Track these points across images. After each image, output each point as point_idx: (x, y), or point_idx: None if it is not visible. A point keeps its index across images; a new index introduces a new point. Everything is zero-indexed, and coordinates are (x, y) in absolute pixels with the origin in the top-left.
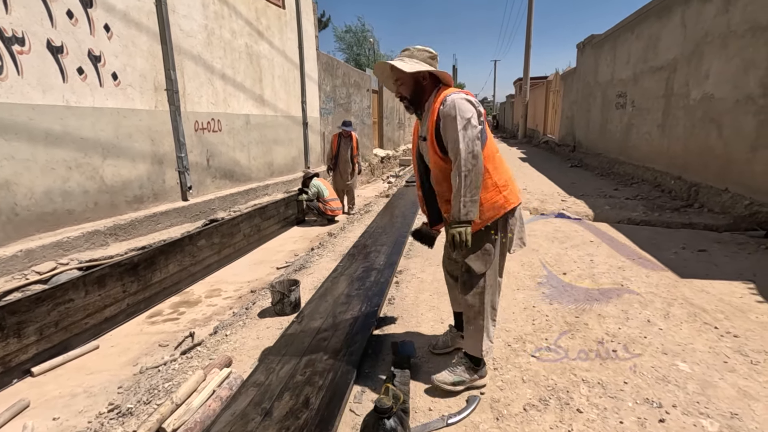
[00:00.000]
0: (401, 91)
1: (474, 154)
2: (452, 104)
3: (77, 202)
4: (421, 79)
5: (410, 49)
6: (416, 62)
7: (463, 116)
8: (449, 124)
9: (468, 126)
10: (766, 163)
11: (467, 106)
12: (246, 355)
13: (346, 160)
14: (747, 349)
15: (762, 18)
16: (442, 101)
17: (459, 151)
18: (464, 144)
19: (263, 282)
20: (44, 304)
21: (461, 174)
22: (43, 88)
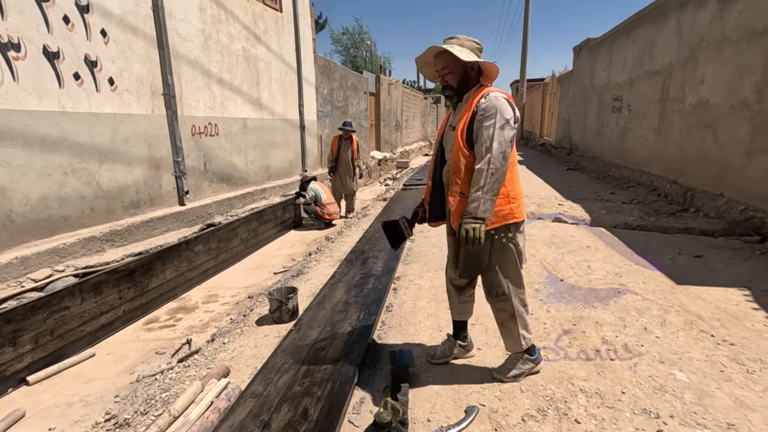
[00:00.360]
0: (448, 80)
1: (504, 156)
2: (495, 101)
3: (73, 207)
4: (469, 70)
5: (458, 37)
6: (468, 52)
7: (503, 115)
8: (487, 119)
9: (506, 126)
10: (761, 168)
11: (508, 108)
12: (244, 364)
13: (346, 162)
14: (743, 357)
15: (757, 24)
16: (483, 95)
17: (491, 149)
18: (498, 143)
19: (261, 287)
20: (40, 312)
21: (488, 170)
22: (39, 94)
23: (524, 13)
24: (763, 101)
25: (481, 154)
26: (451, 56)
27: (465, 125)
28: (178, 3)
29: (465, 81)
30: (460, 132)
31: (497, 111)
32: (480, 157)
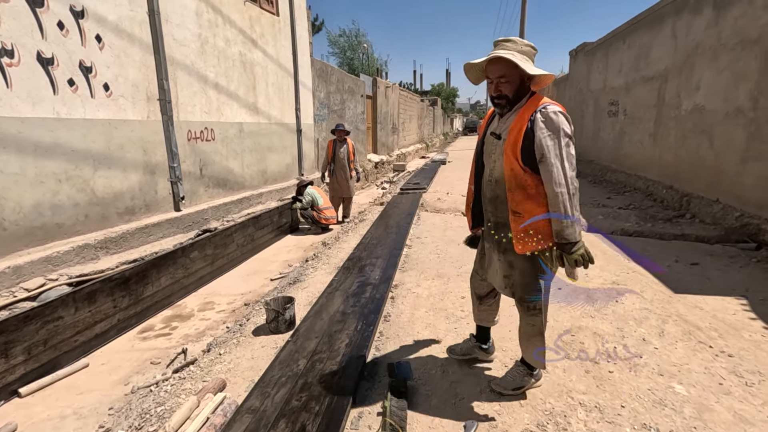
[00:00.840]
0: (503, 90)
1: (575, 175)
2: (555, 116)
3: (67, 215)
4: (526, 79)
5: (515, 41)
6: (527, 60)
7: (566, 132)
8: (550, 137)
9: (570, 144)
10: (756, 175)
11: (568, 123)
12: (240, 376)
13: (342, 166)
14: (741, 369)
15: (752, 32)
16: (539, 108)
17: (565, 170)
18: (568, 162)
19: (257, 294)
20: (32, 323)
21: (569, 193)
22: (32, 101)
23: (520, 18)
24: (758, 109)
25: (554, 177)
26: (509, 64)
27: (518, 139)
28: (175, 8)
29: (521, 90)
30: (512, 148)
31: (561, 127)
32: (553, 179)
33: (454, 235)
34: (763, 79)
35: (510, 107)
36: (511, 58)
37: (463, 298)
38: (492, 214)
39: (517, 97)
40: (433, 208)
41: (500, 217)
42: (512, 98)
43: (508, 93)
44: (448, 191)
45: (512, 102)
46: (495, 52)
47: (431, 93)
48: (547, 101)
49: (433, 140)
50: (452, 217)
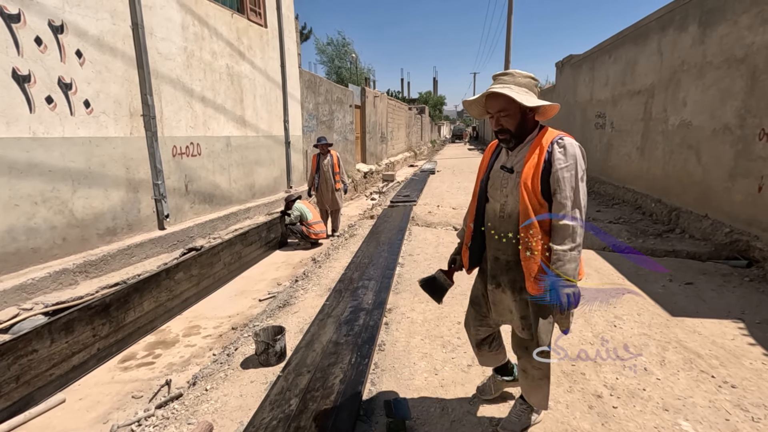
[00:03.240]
0: (504, 124)
1: (581, 209)
2: (572, 149)
3: (43, 239)
4: (528, 111)
5: (512, 74)
6: (526, 92)
7: (581, 166)
8: (568, 170)
9: (584, 177)
10: (744, 192)
11: (584, 158)
12: (228, 418)
13: (327, 179)
14: (746, 402)
15: (738, 51)
16: (555, 140)
17: (578, 203)
18: (583, 197)
19: (245, 316)
20: (4, 359)
21: (578, 225)
22: (7, 120)
23: (507, 26)
24: (745, 127)
25: (566, 208)
26: (507, 98)
27: (537, 173)
28: (159, 21)
29: (523, 123)
30: (531, 179)
31: (576, 161)
32: (564, 211)
33: (447, 251)
34: (750, 97)
35: (516, 140)
36: (507, 93)
37: (459, 323)
38: (503, 253)
39: (523, 130)
40: (424, 222)
41: (512, 255)
42: (515, 132)
43: (510, 127)
44: (439, 204)
45: (517, 135)
46: (491, 88)
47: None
48: (562, 133)
49: (421, 148)
50: (444, 231)
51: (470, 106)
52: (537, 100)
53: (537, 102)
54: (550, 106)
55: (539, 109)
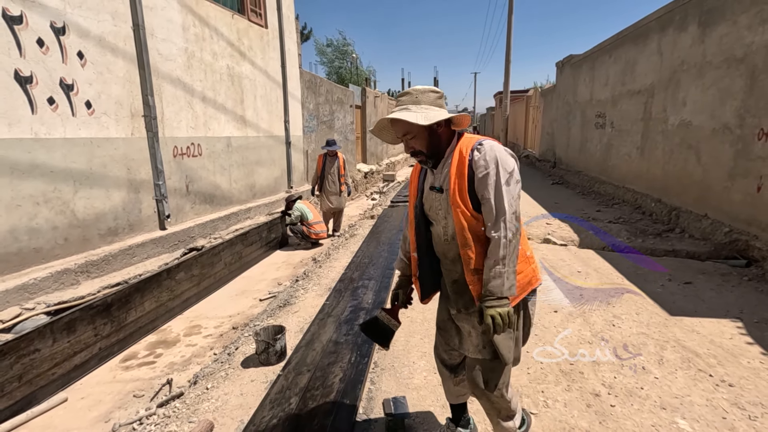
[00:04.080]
0: (414, 145)
1: (517, 216)
2: (491, 152)
3: (45, 239)
4: (436, 127)
5: (411, 92)
6: (425, 108)
7: (505, 168)
8: (488, 176)
9: (511, 180)
10: (743, 191)
11: (508, 157)
12: (229, 416)
13: (333, 181)
14: (743, 401)
15: (738, 51)
16: (473, 147)
17: (503, 211)
18: (508, 202)
19: (245, 316)
20: (6, 358)
21: (506, 238)
22: (9, 121)
23: (507, 26)
24: (744, 126)
25: (492, 218)
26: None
27: (462, 186)
28: (160, 22)
29: (434, 141)
30: (459, 195)
31: (498, 164)
32: (491, 223)
33: None
34: (749, 97)
35: (434, 158)
36: (402, 117)
37: None
38: (460, 275)
39: (437, 146)
40: None
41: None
42: (429, 151)
43: (421, 148)
44: None
45: (433, 154)
46: (389, 115)
47: None
48: (482, 138)
49: None
50: None
51: (380, 134)
52: (436, 115)
53: (434, 118)
54: (458, 117)
55: (453, 119)
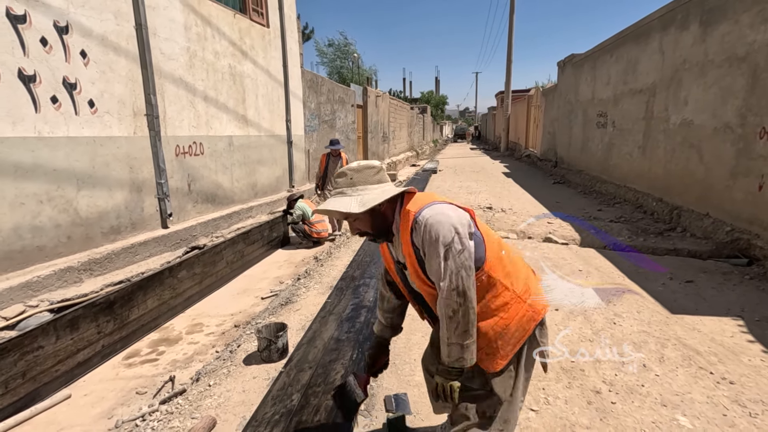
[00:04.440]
0: (359, 227)
1: (459, 291)
2: (425, 228)
3: (48, 237)
4: (377, 206)
5: (347, 173)
6: (361, 190)
7: (442, 241)
8: (427, 252)
9: (450, 253)
10: (745, 190)
11: (445, 226)
12: (231, 413)
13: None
14: (744, 398)
15: (739, 49)
16: (411, 227)
17: (441, 288)
18: (447, 279)
19: (247, 314)
20: (10, 355)
21: (446, 316)
22: (12, 120)
23: (508, 26)
24: (746, 125)
25: (440, 289)
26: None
27: (415, 263)
28: (163, 21)
29: (378, 220)
30: (415, 273)
31: (433, 238)
32: (439, 294)
33: None
34: (751, 96)
35: (384, 235)
36: (331, 208)
37: None
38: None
39: (382, 223)
40: None
41: None
42: (375, 231)
43: (365, 229)
44: None
45: (380, 232)
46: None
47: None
48: (419, 204)
49: (423, 148)
50: None
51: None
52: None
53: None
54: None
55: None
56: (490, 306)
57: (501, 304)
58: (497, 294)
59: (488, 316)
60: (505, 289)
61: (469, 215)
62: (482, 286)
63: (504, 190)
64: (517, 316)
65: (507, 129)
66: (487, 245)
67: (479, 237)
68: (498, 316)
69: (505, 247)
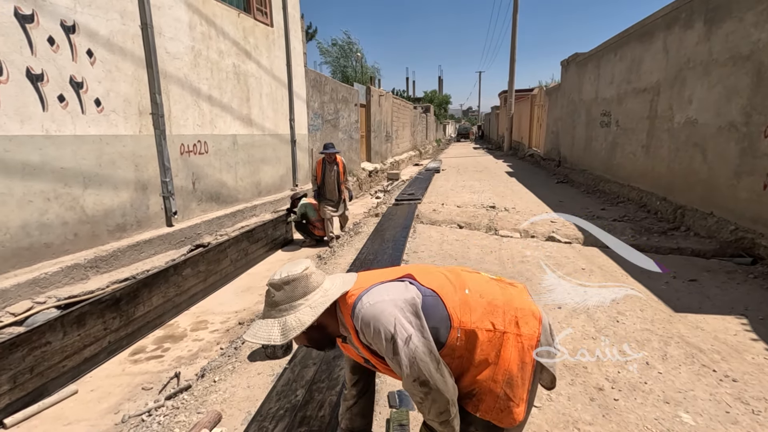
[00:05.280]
0: (304, 342)
1: (421, 381)
2: (363, 326)
3: (56, 234)
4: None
5: (270, 291)
6: (284, 312)
7: (385, 336)
8: (377, 349)
9: (397, 347)
10: (749, 189)
11: (382, 317)
12: (236, 408)
13: (332, 189)
14: (747, 396)
15: (744, 48)
16: (356, 329)
17: (403, 374)
18: (405, 372)
19: (251, 312)
20: (19, 350)
21: (417, 403)
22: (21, 118)
23: (512, 25)
24: (750, 124)
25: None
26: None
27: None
28: (168, 21)
29: (315, 332)
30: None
31: (374, 337)
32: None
33: (451, 249)
34: (755, 95)
35: (331, 342)
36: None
37: None
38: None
39: (321, 334)
40: (428, 220)
41: None
42: (319, 343)
43: (307, 343)
44: (443, 202)
45: (323, 343)
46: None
47: (424, 100)
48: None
49: (426, 147)
50: (448, 229)
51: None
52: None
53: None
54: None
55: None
56: (480, 358)
57: (489, 351)
58: (482, 342)
59: (483, 368)
60: (487, 333)
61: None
62: (463, 344)
63: (507, 189)
64: (513, 354)
65: (510, 128)
66: (444, 298)
67: (431, 296)
68: (494, 364)
69: (468, 282)
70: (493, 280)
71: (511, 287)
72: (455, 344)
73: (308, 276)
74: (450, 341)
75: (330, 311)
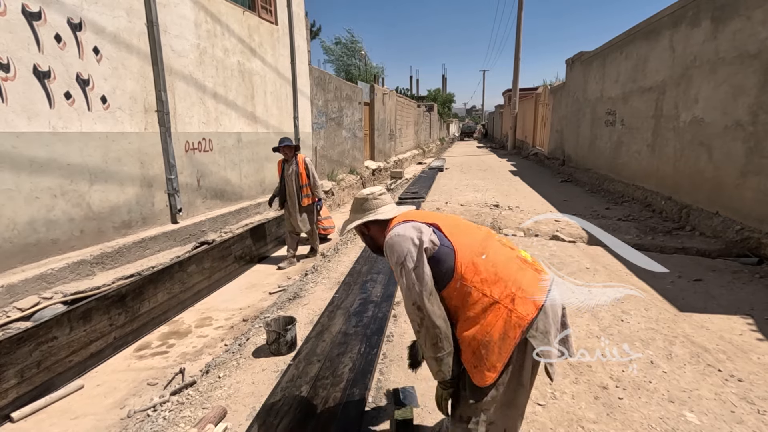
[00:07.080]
0: (366, 243)
1: (418, 305)
2: (387, 250)
3: (62, 230)
4: (364, 230)
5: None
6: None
7: (396, 260)
8: (391, 266)
9: (403, 270)
10: (755, 189)
11: (399, 245)
12: (241, 403)
13: (290, 193)
14: (752, 395)
15: (751, 46)
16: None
17: (405, 296)
18: (405, 294)
19: (255, 309)
20: (26, 345)
21: (414, 330)
22: (28, 115)
23: (516, 23)
24: (757, 123)
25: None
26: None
27: None
28: (173, 19)
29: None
30: None
31: (390, 260)
32: None
33: None
34: (763, 93)
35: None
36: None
37: None
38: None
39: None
40: None
41: None
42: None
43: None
44: (447, 200)
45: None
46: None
47: (428, 98)
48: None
49: (429, 146)
50: None
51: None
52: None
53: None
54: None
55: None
56: (469, 314)
57: (479, 312)
58: (474, 302)
59: (469, 325)
60: (482, 296)
61: (434, 229)
62: (459, 295)
63: (511, 188)
64: (497, 323)
65: (514, 127)
66: (458, 254)
67: (448, 248)
68: (479, 324)
69: (489, 249)
70: (519, 258)
71: (533, 271)
72: (452, 294)
73: (374, 198)
74: (448, 290)
75: (381, 228)
